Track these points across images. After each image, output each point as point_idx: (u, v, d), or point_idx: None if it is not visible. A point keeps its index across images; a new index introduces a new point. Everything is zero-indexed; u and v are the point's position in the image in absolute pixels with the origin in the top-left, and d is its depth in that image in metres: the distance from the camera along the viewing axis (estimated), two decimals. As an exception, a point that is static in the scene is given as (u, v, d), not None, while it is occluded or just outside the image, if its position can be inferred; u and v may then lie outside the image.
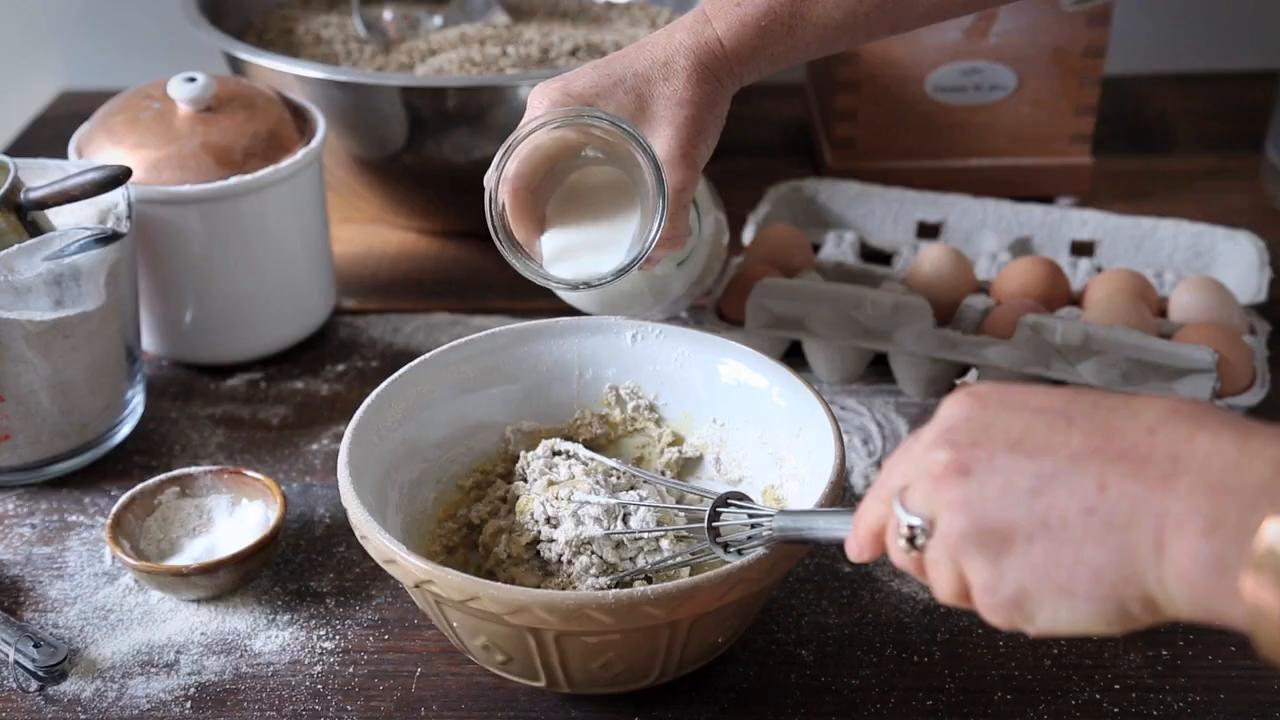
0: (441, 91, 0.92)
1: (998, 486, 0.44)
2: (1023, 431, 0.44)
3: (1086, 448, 0.42)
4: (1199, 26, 1.29)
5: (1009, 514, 0.43)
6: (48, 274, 0.72)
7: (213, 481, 0.74)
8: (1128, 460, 0.41)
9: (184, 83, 0.84)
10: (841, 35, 0.70)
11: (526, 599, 0.55)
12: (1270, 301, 0.89)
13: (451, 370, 0.70)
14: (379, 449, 0.66)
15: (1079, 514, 0.42)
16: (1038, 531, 0.43)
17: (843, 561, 0.72)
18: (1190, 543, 0.39)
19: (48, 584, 0.72)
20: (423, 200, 1.01)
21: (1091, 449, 0.42)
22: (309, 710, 0.64)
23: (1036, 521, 0.43)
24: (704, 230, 0.78)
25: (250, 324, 0.88)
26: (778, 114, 1.23)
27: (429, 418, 0.69)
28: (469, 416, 0.71)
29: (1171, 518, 0.40)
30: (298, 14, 1.13)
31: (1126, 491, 0.41)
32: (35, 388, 0.75)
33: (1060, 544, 0.42)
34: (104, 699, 0.65)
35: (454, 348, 0.71)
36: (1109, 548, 0.41)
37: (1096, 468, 0.42)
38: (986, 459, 0.44)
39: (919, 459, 0.46)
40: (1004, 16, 0.98)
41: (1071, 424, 0.43)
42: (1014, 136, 1.03)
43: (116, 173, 0.74)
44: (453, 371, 0.70)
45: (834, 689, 0.65)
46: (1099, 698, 0.64)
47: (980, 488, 0.44)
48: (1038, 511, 0.43)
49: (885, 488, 0.48)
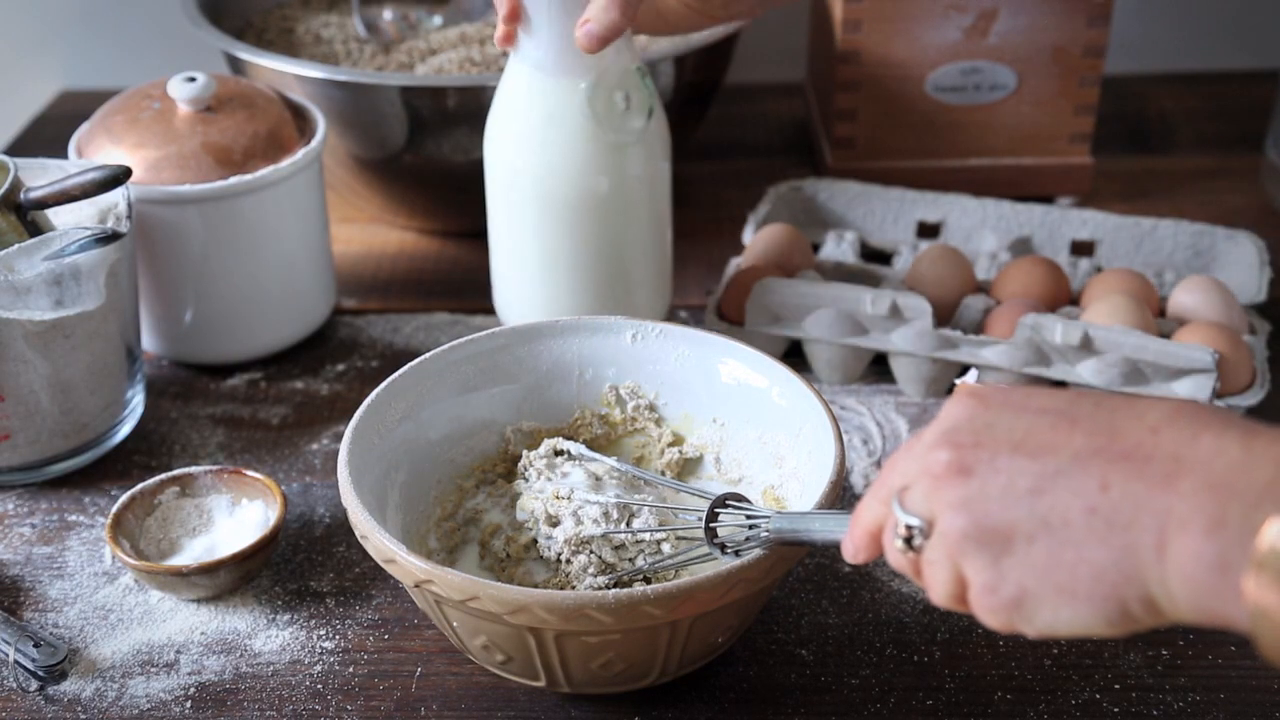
0: (441, 91, 0.92)
1: (999, 486, 0.43)
2: (1025, 432, 0.44)
3: (1089, 448, 0.42)
4: (1199, 26, 1.29)
5: (1010, 514, 0.43)
6: (48, 274, 0.72)
7: (213, 481, 0.75)
8: (1131, 460, 0.41)
9: (184, 83, 0.84)
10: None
11: (526, 599, 0.55)
12: (1270, 301, 0.89)
13: (451, 370, 0.70)
14: (379, 449, 0.66)
15: (1081, 513, 0.42)
16: (1039, 531, 0.42)
17: (842, 561, 0.72)
18: (1193, 542, 0.39)
19: (48, 584, 0.72)
20: (423, 200, 1.01)
21: (1094, 449, 0.42)
22: (309, 710, 0.64)
23: (1038, 521, 0.43)
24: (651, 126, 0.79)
25: (250, 324, 0.88)
26: (778, 114, 1.23)
27: (428, 417, 0.69)
28: (469, 416, 0.71)
29: (1174, 517, 0.40)
30: (298, 14, 1.13)
31: (1129, 491, 0.41)
32: (35, 388, 0.75)
33: (1061, 544, 0.42)
34: (104, 699, 0.65)
35: (453, 347, 0.71)
36: (1111, 547, 0.41)
37: (1099, 467, 0.42)
38: (989, 459, 0.44)
39: (920, 459, 0.46)
40: (1004, 16, 0.98)
41: (1074, 424, 0.43)
42: (1014, 136, 1.03)
43: (117, 173, 0.74)
44: (453, 371, 0.70)
45: (834, 689, 0.65)
46: (1099, 697, 0.64)
47: (982, 487, 0.44)
48: (1039, 511, 0.43)
49: (885, 488, 0.48)
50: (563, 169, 0.77)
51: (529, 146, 0.78)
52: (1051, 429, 0.44)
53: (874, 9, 0.99)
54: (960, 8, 0.99)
